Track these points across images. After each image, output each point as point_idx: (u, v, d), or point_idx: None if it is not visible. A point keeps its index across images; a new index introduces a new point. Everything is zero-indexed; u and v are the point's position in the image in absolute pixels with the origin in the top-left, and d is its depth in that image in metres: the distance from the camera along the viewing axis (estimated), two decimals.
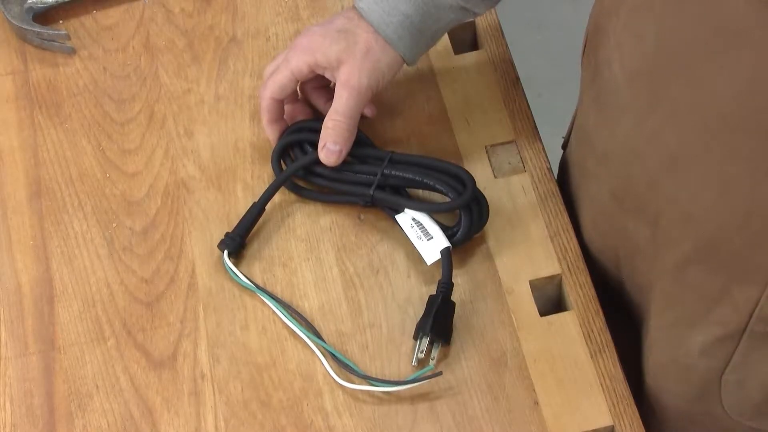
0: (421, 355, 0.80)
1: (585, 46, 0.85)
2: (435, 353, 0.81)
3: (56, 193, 0.90)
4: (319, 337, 0.82)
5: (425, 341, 0.81)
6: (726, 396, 0.80)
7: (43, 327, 0.84)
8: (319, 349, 0.82)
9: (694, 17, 0.65)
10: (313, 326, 0.83)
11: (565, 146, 0.97)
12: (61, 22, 0.98)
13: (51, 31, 0.96)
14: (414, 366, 0.81)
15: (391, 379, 0.80)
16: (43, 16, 0.98)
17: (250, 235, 0.87)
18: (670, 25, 0.68)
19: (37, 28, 0.96)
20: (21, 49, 0.97)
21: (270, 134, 0.89)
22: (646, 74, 0.72)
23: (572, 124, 0.93)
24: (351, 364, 0.81)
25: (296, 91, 0.89)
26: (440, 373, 0.80)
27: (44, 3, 0.98)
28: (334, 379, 0.80)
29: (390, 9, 0.83)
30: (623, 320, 0.89)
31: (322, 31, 0.85)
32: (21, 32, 0.97)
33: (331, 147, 0.85)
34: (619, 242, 0.85)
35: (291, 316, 0.83)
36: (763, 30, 0.61)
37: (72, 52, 0.97)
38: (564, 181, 0.92)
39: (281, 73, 0.85)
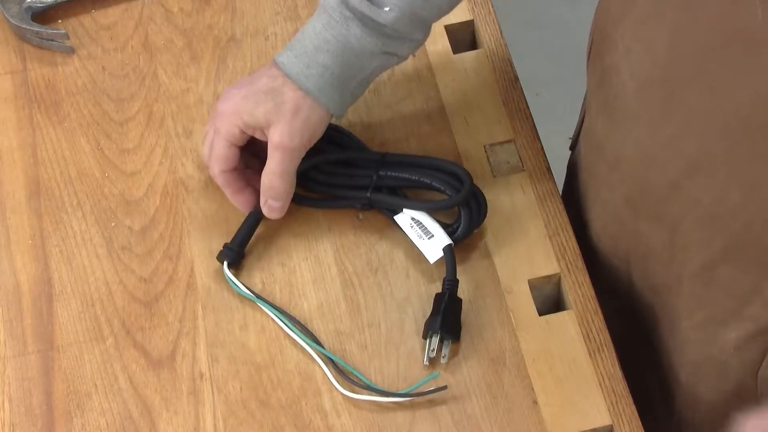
0: (433, 354, 0.80)
1: (590, 52, 0.84)
2: (446, 351, 0.81)
3: (55, 192, 0.90)
4: (320, 344, 0.82)
5: (435, 339, 0.80)
6: (763, 392, 0.80)
7: (42, 326, 0.84)
8: (320, 357, 0.81)
9: (708, 24, 0.65)
10: (314, 335, 0.82)
11: (572, 147, 0.97)
12: (59, 21, 0.98)
13: (50, 31, 0.96)
14: (426, 366, 0.81)
15: (392, 390, 0.80)
16: (42, 16, 0.98)
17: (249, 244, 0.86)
18: (683, 33, 0.67)
19: (36, 28, 0.96)
20: (20, 49, 0.97)
21: (241, 205, 0.86)
22: (658, 81, 0.71)
23: (579, 125, 0.93)
24: (354, 371, 0.80)
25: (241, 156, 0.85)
26: (445, 387, 0.80)
27: (43, 2, 0.97)
28: (335, 387, 0.80)
29: (309, 62, 0.81)
30: (639, 320, 0.89)
31: (244, 93, 0.82)
32: (20, 31, 0.97)
33: (272, 204, 0.84)
34: (631, 245, 0.85)
35: (291, 324, 0.83)
36: None
37: (71, 51, 0.97)
38: (572, 183, 0.92)
39: (218, 145, 0.83)
